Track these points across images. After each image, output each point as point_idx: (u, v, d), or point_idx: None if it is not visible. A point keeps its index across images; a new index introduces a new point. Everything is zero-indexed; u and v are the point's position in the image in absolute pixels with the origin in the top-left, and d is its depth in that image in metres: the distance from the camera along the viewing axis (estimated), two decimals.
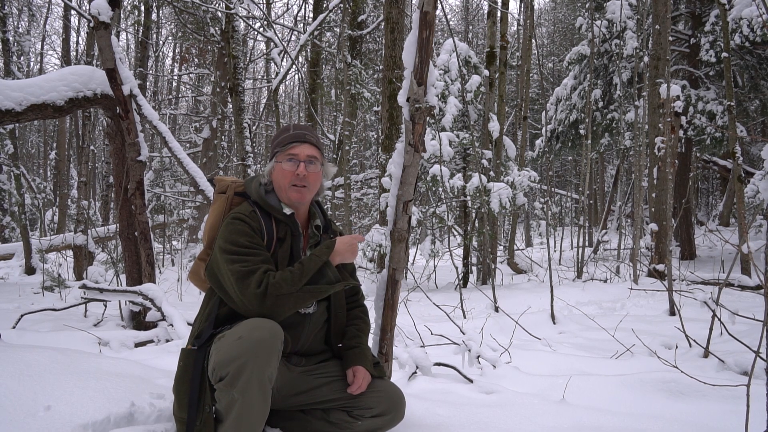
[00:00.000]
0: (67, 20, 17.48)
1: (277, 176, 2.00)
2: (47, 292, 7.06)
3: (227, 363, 1.65)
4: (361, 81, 11.54)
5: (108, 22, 4.28)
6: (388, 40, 8.30)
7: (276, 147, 2.02)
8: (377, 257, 8.43)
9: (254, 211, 1.96)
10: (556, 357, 3.65)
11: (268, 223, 1.96)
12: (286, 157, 1.98)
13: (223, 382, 1.66)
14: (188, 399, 1.75)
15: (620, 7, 12.32)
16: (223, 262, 1.83)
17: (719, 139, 12.02)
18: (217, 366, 1.67)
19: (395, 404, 2.00)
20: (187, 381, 1.77)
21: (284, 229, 1.98)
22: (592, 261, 11.84)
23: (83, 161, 10.44)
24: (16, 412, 1.78)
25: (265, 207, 1.98)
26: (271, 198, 2.01)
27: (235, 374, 1.63)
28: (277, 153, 2.00)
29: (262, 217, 1.96)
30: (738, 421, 2.14)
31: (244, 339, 1.66)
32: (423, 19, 2.06)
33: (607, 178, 22.35)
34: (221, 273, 1.84)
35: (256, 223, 1.93)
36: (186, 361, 1.81)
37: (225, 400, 1.68)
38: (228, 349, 1.66)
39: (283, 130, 2.06)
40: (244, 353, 1.63)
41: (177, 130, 23.24)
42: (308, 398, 1.99)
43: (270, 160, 2.03)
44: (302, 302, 1.83)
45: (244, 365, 1.63)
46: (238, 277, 1.78)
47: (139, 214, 4.53)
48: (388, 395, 2.00)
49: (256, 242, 1.88)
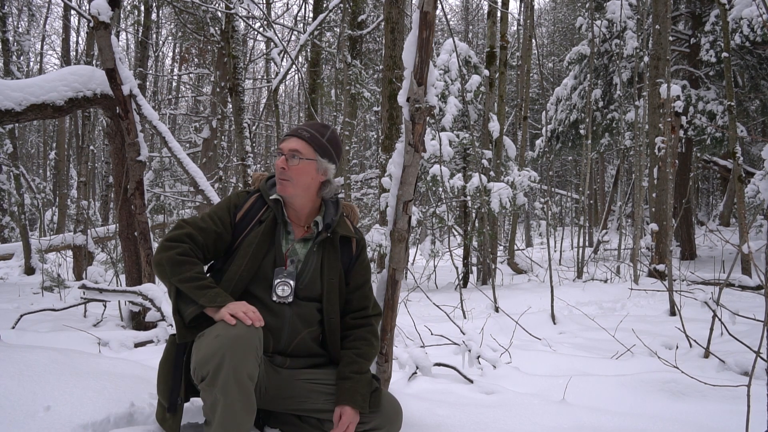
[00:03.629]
0: (67, 20, 17.49)
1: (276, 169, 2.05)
2: (47, 292, 7.06)
3: (206, 362, 1.64)
4: (361, 81, 11.54)
5: (108, 22, 4.28)
6: (388, 40, 8.30)
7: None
8: (377, 257, 8.43)
9: (248, 193, 2.03)
10: (557, 357, 3.65)
11: (257, 205, 1.99)
12: (278, 151, 2.00)
13: (204, 381, 1.65)
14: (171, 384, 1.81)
15: (620, 7, 12.32)
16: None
17: (719, 139, 12.03)
18: (197, 366, 1.67)
19: (390, 418, 1.93)
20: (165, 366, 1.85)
21: (268, 214, 1.98)
22: (592, 261, 11.84)
23: (83, 161, 10.44)
24: (16, 413, 1.78)
25: (262, 192, 2.02)
26: (270, 186, 2.03)
27: (214, 373, 1.62)
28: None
29: (255, 200, 2.00)
30: (738, 422, 2.13)
31: (221, 336, 1.65)
32: (423, 19, 2.06)
33: (607, 178, 22.35)
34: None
35: (240, 200, 1.99)
36: (168, 346, 1.88)
37: (209, 401, 1.67)
38: (206, 348, 1.66)
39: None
40: (220, 351, 1.62)
41: (177, 130, 23.24)
42: (300, 404, 1.93)
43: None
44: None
45: (222, 363, 1.61)
46: (172, 228, 1.91)
47: (139, 214, 4.53)
48: (383, 409, 1.92)
49: (218, 215, 1.94)
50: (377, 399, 1.93)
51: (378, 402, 1.93)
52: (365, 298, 2.07)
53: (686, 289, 7.14)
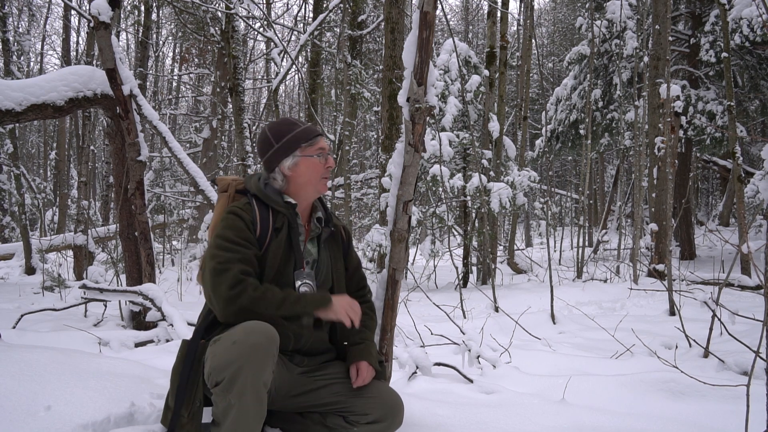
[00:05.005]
0: (67, 20, 17.49)
1: (306, 170, 1.96)
2: (47, 292, 7.07)
3: (223, 368, 1.63)
4: (361, 81, 11.54)
5: (108, 22, 4.28)
6: (388, 40, 8.30)
7: (300, 141, 1.97)
8: (377, 257, 8.43)
9: (249, 203, 1.94)
10: (556, 357, 3.65)
11: (264, 213, 1.93)
12: (316, 152, 1.97)
13: (219, 387, 1.65)
14: (176, 390, 1.76)
15: (620, 7, 12.31)
16: (207, 256, 1.85)
17: (719, 139, 12.03)
18: (213, 371, 1.66)
19: (392, 411, 1.96)
20: (178, 372, 1.79)
21: (282, 220, 1.95)
22: (592, 261, 11.84)
23: (83, 161, 10.44)
24: (16, 412, 1.78)
25: (263, 198, 1.96)
26: (270, 189, 1.98)
27: (230, 380, 1.62)
28: (304, 147, 1.97)
29: (258, 208, 1.93)
30: (738, 421, 2.14)
31: (239, 343, 1.64)
32: (423, 19, 2.06)
33: (607, 178, 22.35)
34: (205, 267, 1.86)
35: (250, 215, 1.91)
36: (181, 351, 1.84)
37: (221, 405, 1.67)
38: (223, 354, 1.65)
39: (288, 123, 2.01)
40: (239, 358, 1.62)
41: (177, 130, 23.23)
42: (306, 400, 1.96)
43: (287, 156, 1.97)
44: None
45: (239, 370, 1.62)
46: (213, 274, 1.78)
47: (139, 214, 4.53)
48: (384, 401, 1.96)
49: (244, 236, 1.86)
50: (383, 371, 2.04)
51: (383, 374, 2.04)
52: (362, 278, 2.20)
53: (686, 289, 7.14)
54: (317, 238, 2.06)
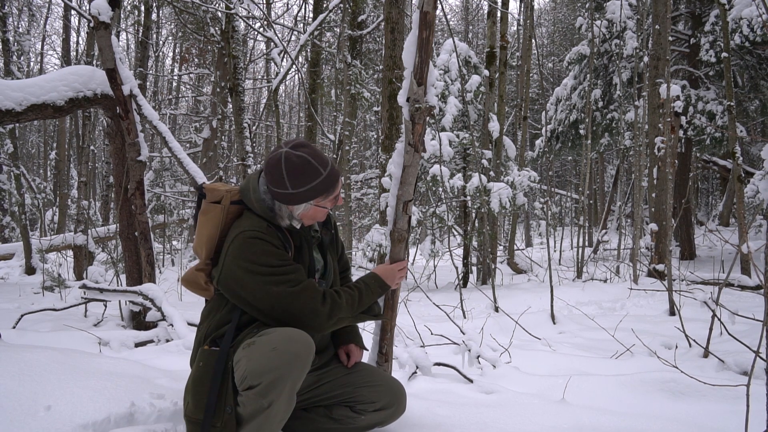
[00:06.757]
0: (67, 20, 17.48)
1: (314, 214, 1.91)
2: (47, 292, 7.06)
3: (261, 373, 1.62)
4: (361, 81, 11.54)
5: (108, 22, 4.28)
6: (388, 40, 8.31)
7: (319, 194, 1.85)
8: (377, 257, 8.43)
9: (269, 226, 1.85)
10: (556, 357, 3.65)
11: (282, 234, 1.88)
12: (331, 202, 1.92)
13: (253, 390, 1.64)
14: (207, 400, 1.69)
15: (620, 7, 12.32)
16: (260, 284, 1.75)
17: (719, 139, 12.03)
18: (249, 375, 1.64)
19: (397, 397, 2.04)
20: (208, 381, 1.71)
21: (298, 238, 1.94)
22: (592, 261, 11.85)
23: (83, 161, 10.44)
24: (16, 412, 1.78)
25: (274, 223, 1.88)
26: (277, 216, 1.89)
27: (268, 386, 1.62)
28: (319, 199, 1.87)
29: (276, 230, 1.87)
30: (738, 421, 2.14)
31: (279, 351, 1.63)
32: (423, 19, 2.06)
33: (607, 178, 22.35)
34: (255, 296, 1.76)
35: (276, 239, 1.84)
36: (207, 361, 1.76)
37: (251, 407, 1.66)
38: (262, 359, 1.63)
39: (312, 169, 1.83)
40: (280, 366, 1.62)
41: (177, 130, 23.24)
42: (313, 395, 2.00)
43: (300, 203, 1.86)
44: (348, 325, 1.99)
45: (279, 378, 1.62)
46: (293, 297, 1.75)
47: (139, 214, 4.53)
48: (390, 389, 2.04)
49: (287, 259, 1.82)
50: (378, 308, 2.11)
51: (380, 311, 2.12)
52: (347, 260, 2.30)
53: (686, 289, 7.15)
54: (319, 244, 2.07)
